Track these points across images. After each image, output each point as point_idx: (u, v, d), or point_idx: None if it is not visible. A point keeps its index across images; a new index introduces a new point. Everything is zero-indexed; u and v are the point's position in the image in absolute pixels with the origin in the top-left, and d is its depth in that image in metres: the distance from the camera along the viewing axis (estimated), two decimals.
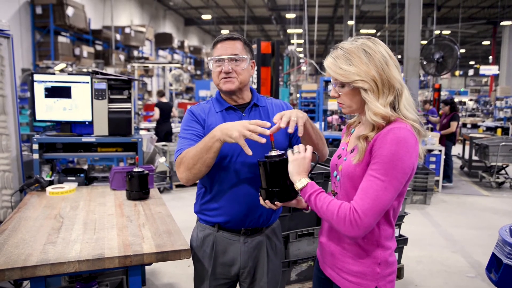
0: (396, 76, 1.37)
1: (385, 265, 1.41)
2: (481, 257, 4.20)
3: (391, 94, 1.37)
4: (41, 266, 1.52)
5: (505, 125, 12.14)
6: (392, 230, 1.45)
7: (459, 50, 7.78)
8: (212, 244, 1.80)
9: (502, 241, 1.83)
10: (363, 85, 1.35)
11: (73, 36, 11.16)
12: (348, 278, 1.43)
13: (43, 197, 2.53)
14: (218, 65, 1.73)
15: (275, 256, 1.87)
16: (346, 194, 1.43)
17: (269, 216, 1.80)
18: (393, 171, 1.28)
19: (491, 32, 23.10)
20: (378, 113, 1.34)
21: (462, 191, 7.26)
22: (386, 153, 1.28)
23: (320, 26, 20.49)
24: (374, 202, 1.29)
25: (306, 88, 11.82)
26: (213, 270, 1.80)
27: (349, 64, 1.35)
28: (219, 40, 1.76)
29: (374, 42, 1.39)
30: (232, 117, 1.77)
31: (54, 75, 3.03)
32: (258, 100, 1.83)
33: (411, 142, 1.30)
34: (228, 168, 1.72)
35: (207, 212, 1.81)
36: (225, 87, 1.73)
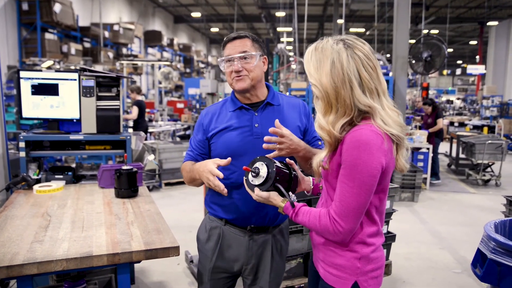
0: (359, 98, 1.30)
1: (366, 261, 1.41)
2: (467, 253, 4.26)
3: (347, 116, 1.32)
4: (28, 265, 1.51)
5: (491, 123, 12.30)
6: (377, 228, 1.44)
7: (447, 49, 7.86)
8: (218, 237, 1.83)
9: (487, 237, 1.86)
10: (315, 91, 1.36)
11: (60, 33, 11.02)
12: (329, 270, 1.45)
13: (30, 195, 2.50)
14: (229, 65, 1.74)
15: (280, 256, 1.89)
16: (326, 191, 1.47)
17: (275, 216, 1.81)
18: (358, 176, 1.28)
19: (478, 32, 23.37)
20: (323, 127, 1.33)
21: (449, 188, 7.35)
22: (350, 159, 1.29)
23: (309, 25, 20.54)
24: (349, 207, 1.31)
25: (296, 86, 11.83)
26: (216, 263, 1.83)
27: (316, 68, 1.35)
28: (227, 40, 1.76)
29: (350, 55, 1.31)
30: (243, 116, 1.77)
31: (41, 72, 2.99)
32: (273, 99, 1.82)
33: (374, 142, 1.27)
34: (235, 166, 1.73)
35: (214, 207, 1.85)
36: (237, 86, 1.74)
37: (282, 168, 1.49)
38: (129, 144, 3.01)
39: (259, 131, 1.74)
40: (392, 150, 1.35)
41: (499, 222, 2.10)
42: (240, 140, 1.73)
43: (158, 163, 6.70)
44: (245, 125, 1.75)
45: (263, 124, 1.75)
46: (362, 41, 1.38)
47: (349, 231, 1.34)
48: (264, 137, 1.62)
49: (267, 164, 1.45)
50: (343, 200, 1.31)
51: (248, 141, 1.73)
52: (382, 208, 1.45)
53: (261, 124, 1.75)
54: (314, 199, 2.94)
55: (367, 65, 1.33)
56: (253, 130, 1.74)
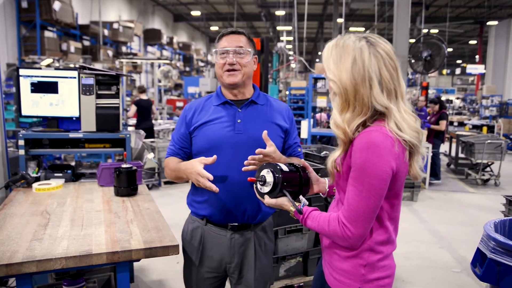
0: (377, 97, 1.27)
1: (371, 268, 1.37)
2: (466, 253, 4.27)
3: (363, 115, 1.29)
4: (27, 263, 1.50)
5: (491, 123, 12.31)
6: (388, 235, 1.40)
7: (447, 49, 7.85)
8: (200, 237, 1.83)
9: (487, 236, 1.86)
10: (333, 87, 1.33)
11: (60, 31, 11.01)
12: (333, 275, 1.43)
13: (29, 193, 2.50)
14: (223, 57, 1.75)
15: (264, 255, 1.88)
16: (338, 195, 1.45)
17: (254, 213, 1.80)
18: (367, 179, 1.25)
19: (477, 32, 23.38)
20: (338, 125, 1.30)
21: (448, 188, 7.36)
22: (358, 161, 1.26)
23: (309, 24, 20.53)
24: (358, 212, 1.27)
25: (295, 85, 11.84)
26: (200, 263, 1.83)
27: (336, 63, 1.31)
28: (224, 33, 1.79)
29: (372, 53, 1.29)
30: (227, 111, 1.79)
31: (41, 69, 2.99)
32: (257, 98, 1.84)
33: (384, 145, 1.24)
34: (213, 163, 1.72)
35: (195, 204, 1.85)
36: (228, 80, 1.75)
37: (289, 172, 1.46)
38: (129, 143, 3.01)
39: (241, 127, 1.76)
40: (404, 155, 1.30)
41: (499, 221, 2.10)
42: (222, 135, 1.75)
43: (157, 162, 6.70)
44: (228, 120, 1.77)
45: (245, 121, 1.77)
46: (385, 40, 1.35)
47: (359, 236, 1.30)
48: (244, 133, 1.71)
49: (272, 171, 1.43)
50: (352, 204, 1.28)
51: (230, 136, 1.74)
52: (395, 214, 1.40)
53: (244, 121, 1.77)
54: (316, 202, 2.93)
55: (389, 64, 1.30)
56: (235, 126, 1.76)
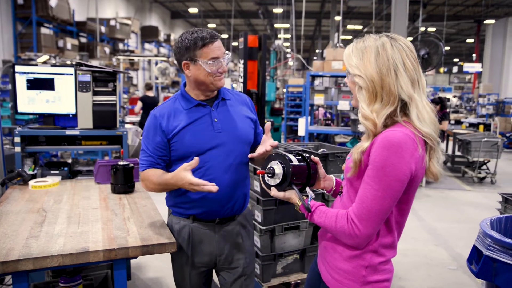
0: (403, 86, 1.29)
1: (372, 270, 1.36)
2: (462, 250, 4.28)
3: (391, 105, 1.30)
4: (24, 261, 1.50)
5: (487, 121, 12.34)
6: (392, 239, 1.38)
7: (444, 47, 7.86)
8: (188, 235, 1.83)
9: (483, 234, 1.87)
10: (359, 81, 1.33)
11: (56, 27, 10.95)
12: (333, 275, 1.41)
13: (26, 191, 2.49)
14: (215, 65, 1.72)
15: (249, 240, 1.96)
16: (347, 193, 1.43)
17: (241, 204, 1.88)
18: (385, 178, 1.23)
19: (475, 30, 23.42)
20: (367, 117, 1.30)
21: (445, 185, 7.38)
22: (378, 159, 1.24)
23: (307, 21, 20.51)
24: (370, 211, 1.26)
25: (293, 82, 11.84)
26: (192, 261, 1.84)
27: (360, 58, 1.34)
28: (210, 41, 1.70)
29: (394, 46, 1.32)
30: (201, 113, 1.79)
31: (37, 66, 2.97)
32: (224, 94, 1.88)
33: (406, 146, 1.23)
34: (203, 161, 1.74)
35: (182, 205, 1.83)
36: (220, 83, 1.78)
37: (299, 164, 1.45)
38: (126, 140, 3.00)
39: (219, 125, 1.79)
40: (425, 158, 1.30)
41: (495, 219, 2.10)
42: (204, 136, 1.76)
43: None
44: (205, 121, 1.78)
45: (221, 119, 1.81)
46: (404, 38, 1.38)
47: (366, 236, 1.29)
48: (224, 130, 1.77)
49: (282, 163, 1.42)
50: (365, 202, 1.26)
51: (211, 136, 1.76)
52: (402, 220, 1.39)
53: (220, 119, 1.80)
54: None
55: (410, 55, 1.32)
56: (214, 125, 1.78)
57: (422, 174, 1.32)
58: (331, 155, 3.03)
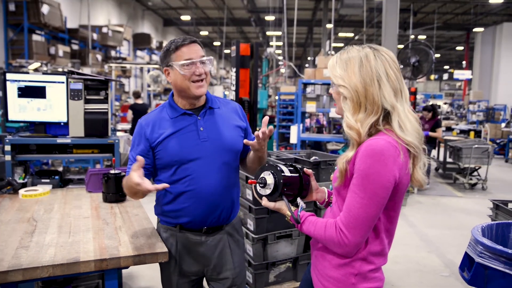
0: (386, 96, 1.31)
1: (362, 278, 1.37)
2: (454, 256, 4.30)
3: (375, 114, 1.32)
4: (13, 272, 1.48)
5: (478, 128, 12.47)
6: (382, 247, 1.40)
7: (434, 54, 7.95)
8: (175, 244, 1.82)
9: (475, 241, 1.88)
10: (344, 92, 1.36)
11: (48, 34, 10.91)
12: (323, 282, 1.42)
13: (16, 200, 2.46)
14: (189, 68, 1.70)
15: (239, 250, 1.93)
16: (336, 202, 1.45)
17: (228, 213, 1.85)
18: (370, 186, 1.25)
19: (464, 38, 23.75)
20: (351, 126, 1.33)
21: (436, 192, 7.42)
22: (363, 168, 1.26)
23: (299, 29, 20.65)
24: (357, 219, 1.28)
25: (285, 90, 11.87)
26: (179, 270, 1.83)
27: (344, 69, 1.36)
28: (183, 44, 1.71)
29: (378, 56, 1.35)
30: (187, 121, 1.78)
31: (28, 74, 2.96)
32: (212, 103, 1.86)
33: (389, 153, 1.26)
34: (188, 170, 1.74)
35: (169, 214, 1.83)
36: (198, 91, 1.74)
37: (290, 175, 1.46)
38: (117, 148, 2.99)
39: (205, 134, 1.77)
40: (408, 165, 1.32)
41: (486, 226, 2.12)
42: (188, 145, 1.74)
43: None
44: (191, 129, 1.77)
45: (207, 127, 1.79)
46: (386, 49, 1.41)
47: (355, 244, 1.30)
48: (210, 139, 1.74)
49: (274, 174, 1.43)
50: (352, 210, 1.28)
51: (196, 145, 1.75)
52: (391, 227, 1.41)
53: (206, 127, 1.78)
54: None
55: (393, 66, 1.35)
56: (199, 134, 1.76)
57: (407, 181, 1.34)
58: (323, 163, 3.04)
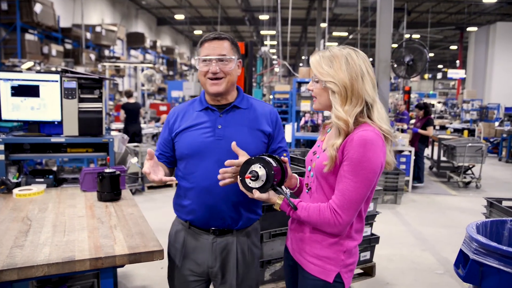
0: (368, 90, 1.47)
1: (349, 254, 1.54)
2: (449, 254, 4.33)
3: (359, 106, 1.47)
4: (7, 271, 1.46)
5: (471, 127, 12.56)
6: (362, 224, 1.58)
7: (428, 53, 7.99)
8: (183, 240, 1.83)
9: (469, 238, 1.89)
10: (333, 87, 1.47)
11: (41, 34, 10.82)
12: (314, 262, 1.54)
13: (10, 199, 2.44)
14: (205, 65, 1.70)
15: (248, 261, 1.84)
16: (320, 188, 1.54)
17: (237, 218, 1.78)
18: (363, 172, 1.40)
19: (458, 37, 23.88)
20: (339, 117, 1.45)
21: (431, 190, 7.46)
22: (356, 156, 1.40)
23: (293, 28, 20.66)
24: (351, 201, 1.42)
25: (279, 89, 11.89)
26: (182, 266, 1.82)
27: (330, 66, 1.48)
28: (206, 39, 1.73)
29: (358, 56, 1.50)
30: (208, 117, 1.77)
31: (22, 73, 2.93)
32: (241, 102, 1.81)
33: (378, 143, 1.42)
34: (194, 166, 1.74)
35: (179, 208, 1.85)
36: (212, 89, 1.72)
37: (277, 166, 1.51)
38: (112, 147, 2.97)
39: (221, 132, 1.73)
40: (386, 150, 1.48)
41: (481, 223, 2.13)
42: (202, 141, 1.73)
43: (141, 166, 6.63)
44: (208, 125, 1.75)
45: (226, 126, 1.75)
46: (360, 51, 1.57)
47: (347, 224, 1.45)
48: (225, 138, 1.71)
49: (265, 167, 1.46)
50: (346, 194, 1.42)
51: (210, 142, 1.73)
52: (367, 207, 1.58)
53: (224, 126, 1.75)
54: None
55: (368, 64, 1.51)
56: (216, 132, 1.74)
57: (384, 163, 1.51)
58: None
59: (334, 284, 1.51)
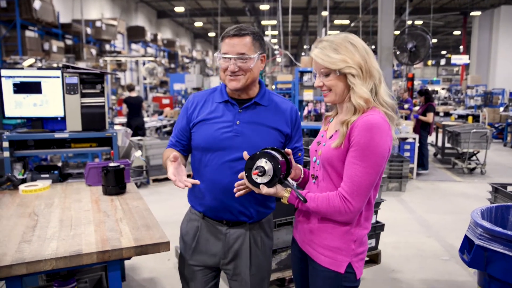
0: (375, 66, 1.49)
1: (359, 243, 1.52)
2: (454, 241, 4.33)
3: (371, 82, 1.47)
4: (17, 265, 1.48)
5: (476, 112, 12.49)
6: (371, 212, 1.56)
7: (431, 40, 7.91)
8: (195, 230, 1.83)
9: (474, 223, 1.89)
10: (350, 71, 1.45)
11: (41, 30, 10.81)
12: (324, 253, 1.52)
13: (16, 195, 2.46)
14: (225, 61, 1.67)
15: (261, 252, 1.84)
16: (327, 176, 1.52)
17: (249, 213, 1.77)
18: (371, 156, 1.39)
19: (461, 22, 23.61)
20: (363, 96, 1.44)
21: (435, 177, 7.45)
22: (363, 141, 1.39)
23: (294, 17, 20.52)
24: (360, 186, 1.41)
25: (281, 79, 11.83)
26: (193, 256, 1.83)
27: (337, 53, 1.45)
28: (226, 35, 1.67)
29: (355, 37, 1.49)
30: (227, 111, 1.75)
31: (23, 70, 2.94)
32: (262, 98, 1.77)
33: (384, 127, 1.41)
34: (209, 159, 1.74)
35: (192, 198, 1.86)
36: (230, 85, 1.70)
37: (282, 160, 1.50)
38: (115, 141, 2.99)
39: (239, 129, 1.71)
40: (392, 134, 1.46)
41: (486, 208, 2.14)
42: (219, 135, 1.71)
43: (145, 160, 6.66)
44: (227, 120, 1.73)
45: (244, 123, 1.72)
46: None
47: (357, 210, 1.44)
48: (242, 135, 1.69)
49: (271, 162, 1.45)
50: (355, 180, 1.41)
51: (227, 137, 1.70)
52: (375, 193, 1.54)
53: (242, 123, 1.72)
54: None
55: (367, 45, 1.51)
56: (233, 128, 1.71)
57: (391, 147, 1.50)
58: None
59: (346, 274, 1.50)
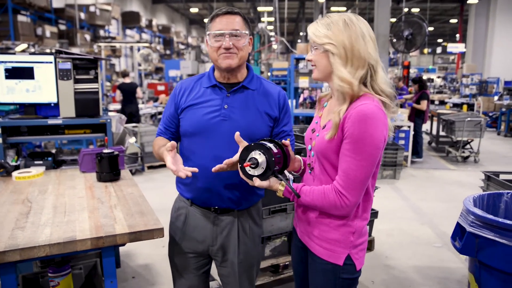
0: (371, 52, 1.40)
1: (358, 235, 1.49)
2: (447, 228, 4.38)
3: (362, 69, 1.40)
4: (10, 252, 1.48)
5: (471, 101, 12.51)
6: (371, 202, 1.52)
7: (428, 27, 7.89)
8: (184, 217, 1.83)
9: (466, 211, 1.91)
10: (331, 49, 1.40)
11: (34, 15, 10.64)
12: (323, 245, 1.50)
13: (9, 182, 2.45)
14: (217, 40, 1.65)
15: (249, 240, 1.85)
16: (323, 168, 1.49)
17: (238, 199, 1.77)
18: (366, 148, 1.33)
19: (458, 10, 23.52)
20: (343, 78, 1.38)
21: (430, 165, 7.49)
22: (357, 132, 1.33)
23: (290, 4, 20.34)
24: (355, 180, 1.36)
25: (277, 66, 11.76)
26: (182, 243, 1.84)
27: (327, 29, 1.41)
28: (218, 14, 1.67)
29: (358, 19, 1.43)
30: (215, 95, 1.73)
31: (15, 55, 2.90)
32: (250, 82, 1.76)
33: (379, 116, 1.34)
34: (195, 144, 1.73)
35: (181, 186, 1.86)
36: (224, 63, 1.66)
37: (277, 152, 1.46)
38: (110, 127, 2.97)
39: (227, 113, 1.70)
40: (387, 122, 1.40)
41: (478, 196, 2.16)
42: (206, 120, 1.70)
43: (140, 146, 6.64)
44: (214, 105, 1.71)
45: (232, 107, 1.71)
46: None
47: (354, 204, 1.39)
48: (230, 120, 1.68)
49: (265, 154, 1.41)
50: (349, 173, 1.36)
51: (215, 122, 1.69)
52: (374, 182, 1.50)
53: (230, 107, 1.70)
54: None
55: (369, 27, 1.44)
56: (221, 112, 1.70)
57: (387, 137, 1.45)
58: None
59: (345, 266, 1.48)
